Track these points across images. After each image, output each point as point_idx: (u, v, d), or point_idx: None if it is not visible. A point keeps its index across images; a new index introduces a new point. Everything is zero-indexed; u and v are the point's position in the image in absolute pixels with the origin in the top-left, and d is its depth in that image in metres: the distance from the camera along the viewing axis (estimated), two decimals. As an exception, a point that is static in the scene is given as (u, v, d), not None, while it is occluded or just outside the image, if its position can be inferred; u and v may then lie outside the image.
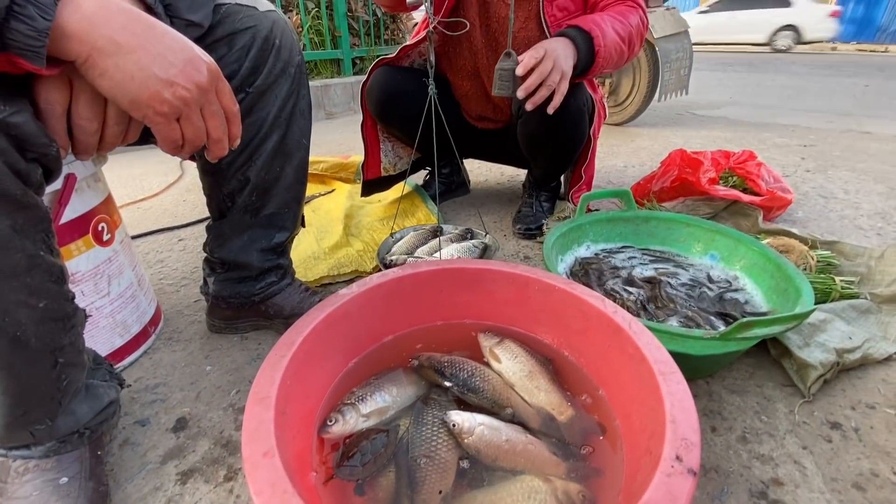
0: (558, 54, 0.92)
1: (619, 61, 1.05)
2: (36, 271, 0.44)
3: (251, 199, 0.74)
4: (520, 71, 0.91)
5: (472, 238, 1.13)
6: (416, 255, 1.07)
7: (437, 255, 1.03)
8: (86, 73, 0.39)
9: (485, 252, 1.07)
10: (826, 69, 5.29)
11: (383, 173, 1.40)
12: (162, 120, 0.43)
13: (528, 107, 0.94)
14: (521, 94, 0.92)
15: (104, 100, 0.43)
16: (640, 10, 1.08)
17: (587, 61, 0.97)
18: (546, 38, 1.08)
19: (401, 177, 1.45)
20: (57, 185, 0.65)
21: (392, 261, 1.03)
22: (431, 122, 1.07)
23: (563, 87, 0.93)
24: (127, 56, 0.39)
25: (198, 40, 0.59)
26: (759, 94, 3.72)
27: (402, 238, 1.15)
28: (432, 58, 0.91)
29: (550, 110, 0.94)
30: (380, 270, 0.90)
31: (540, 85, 0.92)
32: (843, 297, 0.90)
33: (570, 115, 1.10)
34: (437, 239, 1.09)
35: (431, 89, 0.92)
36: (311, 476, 0.50)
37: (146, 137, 0.55)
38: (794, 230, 1.09)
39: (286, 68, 0.68)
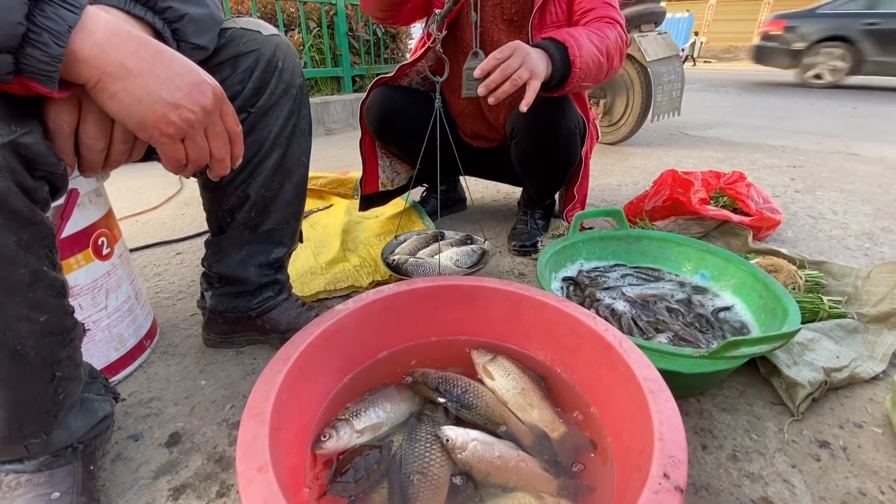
0: (528, 53, 0.87)
1: (599, 75, 1.01)
2: (39, 286, 0.45)
3: (250, 215, 0.76)
4: (477, 73, 0.86)
5: (471, 243, 1.16)
6: (417, 256, 1.11)
7: (437, 256, 1.08)
8: (95, 96, 0.41)
9: (483, 257, 1.10)
10: (815, 92, 5.41)
11: (381, 188, 1.42)
12: (167, 141, 0.45)
13: (491, 101, 0.87)
14: (481, 91, 0.87)
15: (111, 120, 0.45)
16: (619, 27, 1.06)
17: (563, 72, 0.94)
18: None
19: (400, 191, 1.47)
20: (59, 200, 0.66)
21: (394, 261, 1.07)
22: (430, 138, 1.11)
23: (535, 86, 0.87)
24: (136, 80, 0.41)
25: (203, 62, 0.61)
26: (750, 116, 3.80)
27: (405, 241, 1.19)
28: (441, 77, 0.94)
29: (523, 107, 0.87)
30: (376, 286, 0.91)
31: (505, 81, 0.86)
32: (830, 316, 0.91)
33: (561, 137, 1.12)
34: (438, 243, 1.13)
35: (437, 103, 0.94)
36: (304, 492, 0.50)
37: (149, 154, 0.57)
38: (783, 250, 1.12)
39: (288, 89, 0.70)
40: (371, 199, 1.42)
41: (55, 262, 0.47)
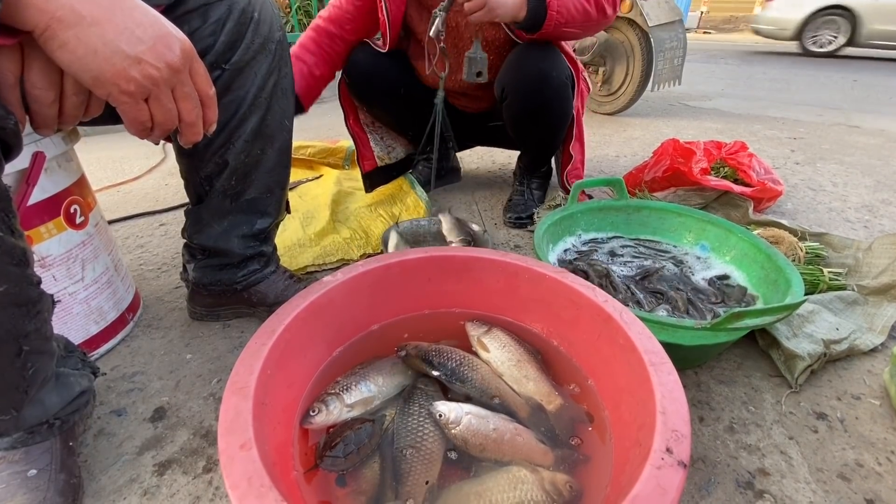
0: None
1: (584, 21, 1.01)
2: None
3: (230, 182, 0.71)
4: None
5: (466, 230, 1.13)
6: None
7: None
8: (44, 45, 0.36)
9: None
10: (816, 63, 5.31)
11: (379, 163, 1.37)
12: (127, 99, 0.40)
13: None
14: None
15: (59, 68, 0.40)
16: None
17: (537, 11, 0.96)
18: (509, 32, 1.07)
19: (400, 166, 1.43)
20: (24, 163, 0.62)
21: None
22: (416, 103, 1.06)
23: (482, 14, 0.94)
24: (90, 28, 0.37)
25: (169, 10, 0.55)
26: (751, 87, 3.73)
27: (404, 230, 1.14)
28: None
29: (474, 18, 0.95)
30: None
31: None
32: (830, 288, 0.90)
33: (553, 89, 1.08)
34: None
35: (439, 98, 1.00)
36: (291, 467, 0.48)
37: (118, 116, 0.52)
38: (784, 221, 1.10)
39: (266, 44, 0.65)
40: (373, 177, 1.37)
41: (13, 228, 0.43)
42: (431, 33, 0.97)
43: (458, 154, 1.59)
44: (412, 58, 1.26)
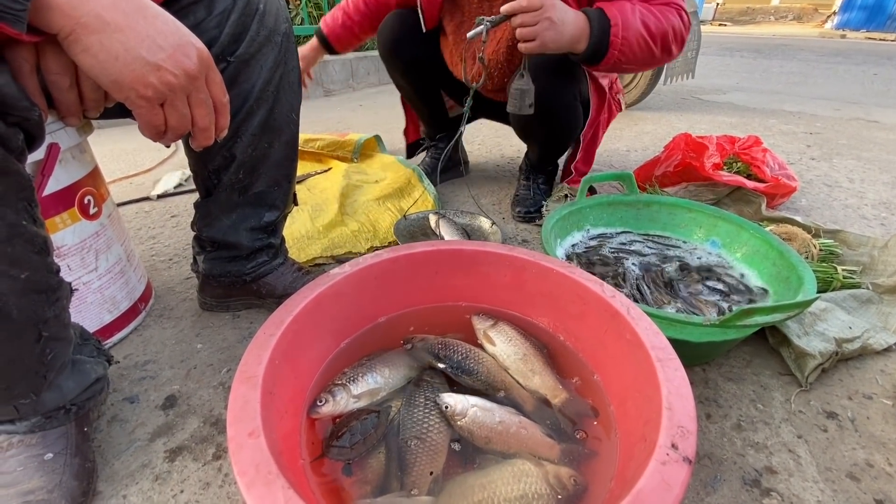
0: (551, 18, 0.83)
1: (646, 60, 0.92)
2: (17, 241, 0.42)
3: (238, 176, 0.72)
4: (505, 8, 0.84)
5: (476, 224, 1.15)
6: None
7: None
8: (68, 48, 0.38)
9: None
10: (834, 56, 5.19)
11: (422, 134, 1.54)
12: (144, 104, 0.42)
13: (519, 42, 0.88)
14: (505, 9, 0.85)
15: None
16: (682, 11, 0.93)
17: (597, 47, 0.88)
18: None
19: (450, 124, 1.47)
20: (39, 154, 0.63)
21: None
22: (437, 87, 1.18)
23: (530, 49, 0.86)
24: (113, 35, 0.38)
25: (174, 2, 0.56)
26: (766, 80, 3.65)
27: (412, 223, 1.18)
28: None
29: (522, 48, 0.87)
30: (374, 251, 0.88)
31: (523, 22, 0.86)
32: (844, 286, 0.88)
33: (555, 111, 1.07)
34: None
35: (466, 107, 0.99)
36: (298, 456, 0.49)
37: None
38: (798, 218, 1.08)
39: (271, 36, 0.64)
40: (412, 148, 1.58)
41: (35, 217, 0.45)
42: (470, 35, 0.87)
43: (467, 148, 1.59)
44: (442, 47, 1.26)
